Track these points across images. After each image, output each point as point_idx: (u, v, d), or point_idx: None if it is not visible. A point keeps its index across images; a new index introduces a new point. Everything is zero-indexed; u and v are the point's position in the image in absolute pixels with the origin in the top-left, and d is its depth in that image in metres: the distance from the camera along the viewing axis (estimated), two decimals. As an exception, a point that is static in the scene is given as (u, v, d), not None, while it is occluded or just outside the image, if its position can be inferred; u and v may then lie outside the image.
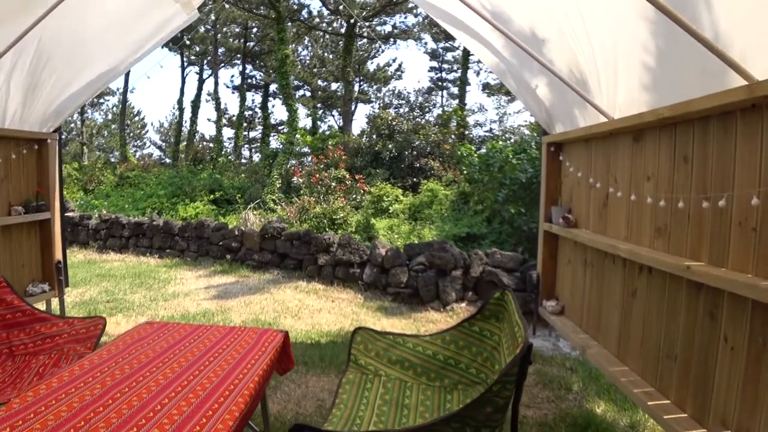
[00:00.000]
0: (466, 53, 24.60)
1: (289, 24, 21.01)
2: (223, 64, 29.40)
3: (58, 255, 5.67)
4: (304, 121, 24.48)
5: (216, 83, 27.74)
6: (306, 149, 19.29)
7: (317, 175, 13.09)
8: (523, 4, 3.65)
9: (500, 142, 14.74)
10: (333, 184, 13.05)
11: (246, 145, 30.25)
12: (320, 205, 11.94)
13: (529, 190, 10.03)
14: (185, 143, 27.04)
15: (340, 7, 22.54)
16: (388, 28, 26.67)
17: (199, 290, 7.18)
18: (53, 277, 5.55)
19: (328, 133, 24.20)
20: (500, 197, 10.20)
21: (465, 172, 13.15)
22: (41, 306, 4.97)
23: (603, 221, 4.02)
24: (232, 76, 32.86)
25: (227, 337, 2.86)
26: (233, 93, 33.18)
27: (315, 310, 6.18)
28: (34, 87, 4.66)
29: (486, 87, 29.26)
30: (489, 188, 11.55)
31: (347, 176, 13.58)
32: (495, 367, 2.65)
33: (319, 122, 31.12)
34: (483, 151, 16.73)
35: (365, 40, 27.94)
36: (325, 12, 25.49)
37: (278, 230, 8.38)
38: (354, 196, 13.12)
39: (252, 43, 27.34)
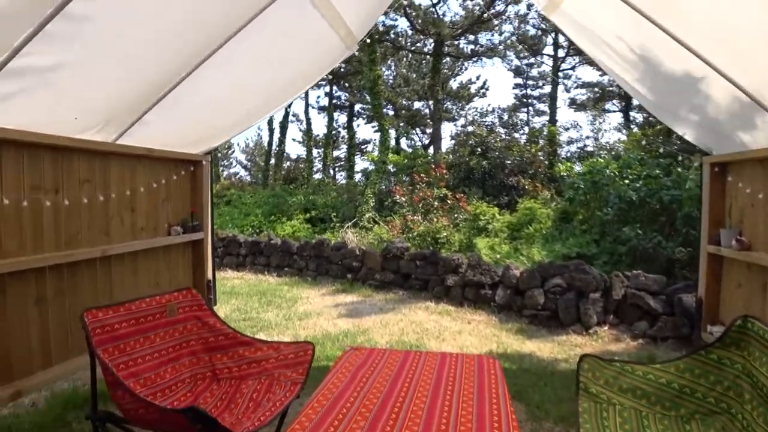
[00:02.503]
0: (556, 69, 24.26)
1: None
2: (311, 86, 30.04)
3: (209, 274, 5.87)
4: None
5: (306, 104, 28.40)
6: (393, 168, 19.36)
7: (421, 194, 13.11)
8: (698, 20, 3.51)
9: (601, 159, 14.40)
10: (435, 203, 13.05)
11: (330, 164, 30.69)
12: (424, 224, 11.93)
13: (640, 209, 9.73)
14: (273, 162, 27.74)
15: (427, 27, 22.71)
16: (472, 45, 26.67)
17: (329, 309, 7.28)
18: (204, 296, 5.75)
19: (411, 151, 24.32)
20: (609, 216, 9.92)
21: (568, 190, 12.85)
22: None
23: (792, 244, 3.82)
24: (318, 97, 33.49)
25: (447, 365, 2.86)
26: (319, 114, 33.91)
27: (455, 333, 6.14)
28: (194, 114, 4.86)
29: (573, 103, 28.74)
30: (594, 207, 11.27)
31: (449, 195, 13.54)
32: (744, 396, 2.53)
33: (402, 141, 31.41)
34: (578, 168, 16.42)
35: (448, 59, 27.98)
36: (409, 32, 25.75)
37: (401, 250, 8.41)
38: (456, 215, 13.05)
39: (338, 65, 27.84)
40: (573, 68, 27.06)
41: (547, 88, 29.54)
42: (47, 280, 3.88)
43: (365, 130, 55.62)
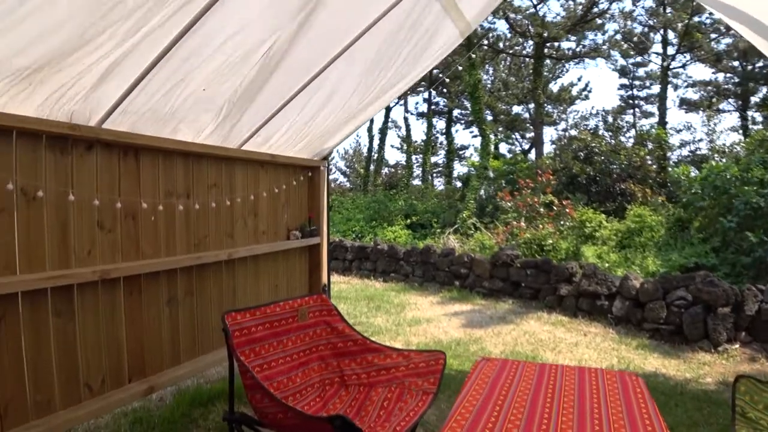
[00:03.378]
0: (666, 68, 23.06)
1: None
2: (409, 92, 30.23)
3: (324, 279, 5.95)
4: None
5: (406, 111, 28.62)
6: (492, 174, 19.05)
7: (528, 199, 12.82)
8: None
9: (719, 163, 13.57)
10: (541, 209, 12.71)
11: (429, 170, 30.66)
12: (530, 230, 11.64)
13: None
14: (372, 169, 28.09)
15: (527, 29, 22.28)
16: (570, 45, 25.91)
17: (439, 317, 7.22)
18: (320, 300, 5.85)
19: (509, 156, 23.93)
20: (732, 224, 9.27)
21: (684, 195, 12.17)
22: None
23: None
24: (417, 103, 33.58)
25: (588, 381, 2.73)
26: (417, 120, 34.02)
27: (571, 345, 5.93)
28: (314, 119, 4.94)
29: (684, 102, 27.23)
30: (713, 214, 10.59)
31: (555, 201, 13.15)
32: None
33: (500, 145, 30.92)
34: (693, 173, 15.50)
35: (548, 61, 27.27)
36: (508, 35, 25.36)
37: (511, 257, 8.24)
38: (562, 221, 12.65)
39: (437, 71, 27.81)
40: (683, 66, 25.64)
41: (655, 88, 28.19)
42: (178, 281, 4.06)
43: (463, 136, 55.10)
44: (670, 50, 23.82)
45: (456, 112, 31.28)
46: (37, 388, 2.98)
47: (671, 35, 23.52)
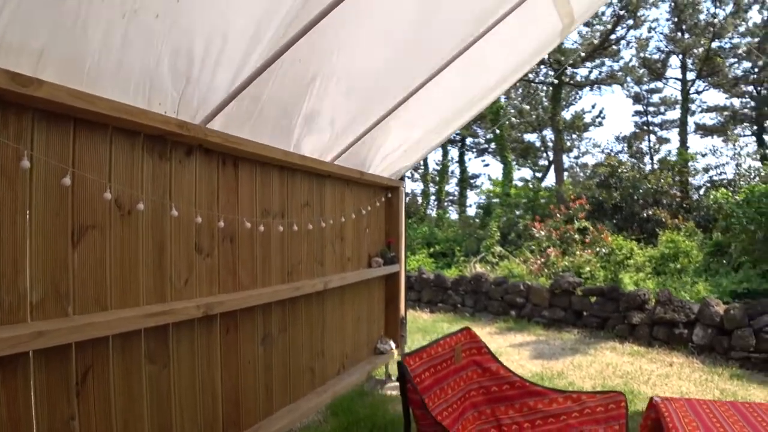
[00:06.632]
0: (686, 92, 22.83)
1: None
2: (423, 120, 30.01)
3: (402, 310, 5.48)
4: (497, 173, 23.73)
5: (420, 138, 28.42)
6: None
7: (562, 228, 12.44)
8: None
9: (760, 186, 13.25)
10: (576, 236, 12.32)
11: (444, 199, 30.24)
12: (567, 258, 11.26)
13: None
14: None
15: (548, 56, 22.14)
16: (585, 72, 25.76)
17: (505, 349, 6.79)
18: (397, 332, 5.36)
19: (522, 185, 23.64)
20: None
21: (724, 220, 11.86)
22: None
23: None
24: (430, 131, 33.24)
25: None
26: (429, 148, 33.75)
27: (662, 377, 5.52)
28: (409, 131, 4.55)
29: (700, 128, 26.93)
30: (760, 238, 10.23)
31: (591, 228, 12.76)
32: None
33: (514, 173, 30.61)
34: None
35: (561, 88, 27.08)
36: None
37: (573, 285, 7.82)
38: (597, 249, 12.23)
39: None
40: (698, 92, 25.35)
41: (670, 114, 28.07)
42: (272, 315, 3.59)
43: (474, 165, 54.75)
44: (689, 75, 23.60)
45: (469, 140, 31.01)
46: (126, 451, 2.48)
47: (689, 61, 23.32)
